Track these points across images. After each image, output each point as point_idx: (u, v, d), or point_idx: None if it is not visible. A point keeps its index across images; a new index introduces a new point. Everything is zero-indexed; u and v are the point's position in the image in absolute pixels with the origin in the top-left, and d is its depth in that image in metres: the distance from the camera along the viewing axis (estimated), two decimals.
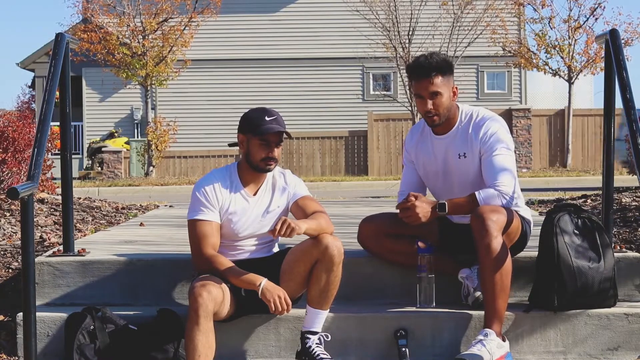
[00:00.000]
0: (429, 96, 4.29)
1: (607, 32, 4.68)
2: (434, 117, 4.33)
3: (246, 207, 4.22)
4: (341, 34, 25.14)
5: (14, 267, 5.13)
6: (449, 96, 4.33)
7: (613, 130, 4.73)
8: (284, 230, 3.90)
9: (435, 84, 4.27)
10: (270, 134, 4.14)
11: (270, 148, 4.15)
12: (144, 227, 6.46)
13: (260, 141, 4.15)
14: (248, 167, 4.24)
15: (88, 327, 4.14)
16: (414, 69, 4.34)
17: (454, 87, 4.36)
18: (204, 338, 3.86)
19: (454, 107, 4.40)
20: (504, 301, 4.13)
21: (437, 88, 4.28)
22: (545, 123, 23.48)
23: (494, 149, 4.29)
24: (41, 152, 4.19)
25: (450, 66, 4.35)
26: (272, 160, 4.18)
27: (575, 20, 21.97)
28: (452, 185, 4.41)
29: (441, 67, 4.29)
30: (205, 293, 3.87)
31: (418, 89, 4.32)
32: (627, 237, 5.41)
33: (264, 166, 4.19)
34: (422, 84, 4.29)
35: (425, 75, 4.28)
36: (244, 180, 4.26)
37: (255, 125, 4.15)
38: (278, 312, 4.00)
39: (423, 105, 4.32)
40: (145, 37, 20.91)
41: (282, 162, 22.76)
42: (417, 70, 4.32)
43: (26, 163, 7.16)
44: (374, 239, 4.47)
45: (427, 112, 4.31)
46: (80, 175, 23.15)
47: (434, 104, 4.29)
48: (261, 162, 4.18)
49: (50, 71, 4.57)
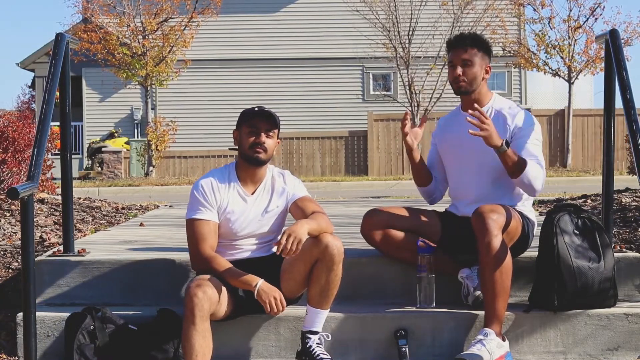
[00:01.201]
0: (461, 63, 4.43)
1: (607, 32, 4.68)
2: (460, 82, 4.45)
3: (244, 207, 4.22)
4: (341, 34, 25.14)
5: (14, 267, 5.13)
6: (480, 70, 4.45)
7: (613, 130, 4.73)
8: (289, 244, 3.86)
9: (468, 53, 4.43)
10: (258, 120, 4.17)
11: (257, 134, 4.16)
12: (144, 227, 6.46)
13: (249, 128, 4.18)
14: (243, 162, 4.24)
15: (88, 327, 4.14)
16: (452, 40, 4.53)
17: (487, 66, 4.49)
18: (201, 338, 3.86)
19: (486, 89, 4.52)
20: (504, 301, 4.13)
21: (469, 57, 4.43)
22: (545, 123, 23.46)
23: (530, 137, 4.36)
24: (41, 152, 4.19)
25: (486, 45, 4.50)
26: (260, 146, 4.17)
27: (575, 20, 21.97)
28: (471, 162, 4.44)
29: (477, 42, 4.47)
30: (200, 293, 3.87)
31: (452, 57, 4.48)
32: (627, 237, 5.41)
33: (252, 154, 4.18)
34: (457, 52, 4.46)
35: (461, 45, 4.45)
36: (241, 178, 4.26)
37: (245, 116, 4.20)
38: (273, 313, 4.01)
39: (454, 71, 4.45)
40: (145, 37, 20.90)
41: (282, 162, 22.77)
42: (455, 40, 4.51)
43: (26, 163, 7.16)
44: (378, 230, 4.47)
45: (456, 77, 4.44)
46: (80, 175, 23.15)
47: (463, 71, 4.43)
48: (249, 150, 4.18)
49: (50, 71, 4.57)
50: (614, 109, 4.75)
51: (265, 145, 4.18)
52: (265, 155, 4.19)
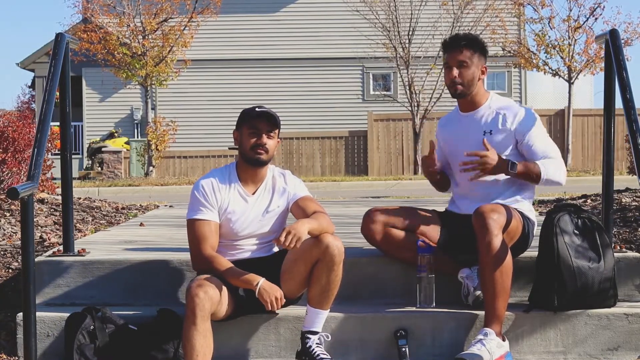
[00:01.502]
0: (456, 64, 4.42)
1: (607, 32, 4.68)
2: (457, 85, 4.43)
3: (245, 207, 4.22)
4: (341, 34, 25.14)
5: (14, 267, 5.13)
6: (476, 71, 4.44)
7: (613, 130, 4.73)
8: (288, 241, 3.89)
9: (463, 54, 4.42)
10: (259, 121, 4.17)
11: (259, 135, 4.17)
12: (144, 227, 6.46)
13: (249, 129, 4.18)
14: (244, 163, 4.25)
15: (88, 327, 4.14)
16: (447, 41, 4.53)
17: (482, 67, 4.47)
18: (202, 338, 3.86)
19: (482, 89, 4.50)
20: (504, 301, 4.13)
21: (464, 58, 4.42)
22: (545, 123, 23.44)
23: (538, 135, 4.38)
24: (41, 152, 4.19)
25: (481, 45, 4.50)
26: (261, 147, 4.17)
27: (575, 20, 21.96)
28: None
29: (472, 43, 4.46)
30: (202, 293, 3.87)
31: (447, 59, 4.47)
32: (627, 237, 5.41)
33: (254, 155, 4.18)
34: (452, 54, 4.45)
35: (456, 46, 4.44)
36: (242, 178, 4.26)
37: (246, 116, 4.20)
38: (273, 310, 4.02)
39: (450, 73, 4.44)
40: (145, 37, 20.90)
41: (282, 162, 22.77)
42: (450, 42, 4.50)
43: (26, 163, 7.16)
44: (379, 230, 4.46)
45: (452, 80, 4.43)
46: (80, 175, 23.14)
47: (459, 73, 4.42)
48: (250, 151, 4.19)
49: (50, 71, 4.57)
50: (614, 109, 4.75)
51: (267, 146, 4.18)
52: (266, 155, 4.20)
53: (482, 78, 4.48)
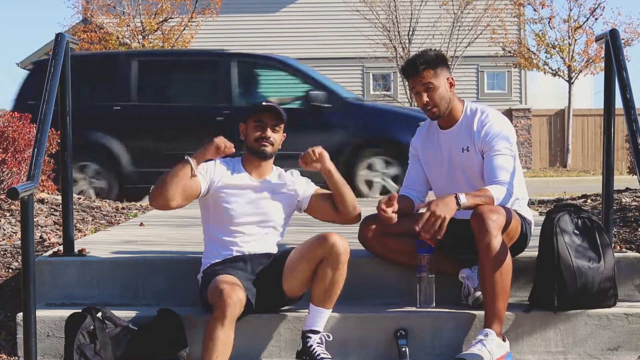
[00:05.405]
0: (423, 89, 4.35)
1: (607, 33, 4.68)
2: (432, 109, 4.37)
3: (247, 184, 4.25)
4: (341, 34, 25.15)
5: (14, 267, 5.13)
6: (445, 88, 4.37)
7: (613, 130, 4.73)
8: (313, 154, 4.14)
9: (426, 77, 4.33)
10: (265, 115, 4.23)
11: (264, 128, 4.23)
12: (144, 227, 6.45)
13: (255, 122, 4.25)
14: (249, 155, 4.30)
15: (88, 327, 4.14)
16: (405, 68, 4.44)
17: (449, 79, 4.39)
18: (226, 338, 3.84)
19: (457, 101, 4.43)
20: (504, 301, 4.13)
21: (428, 80, 4.33)
22: (545, 123, 23.48)
23: (496, 149, 4.30)
24: (41, 152, 4.19)
25: (439, 59, 4.39)
26: (266, 140, 4.23)
27: (575, 20, 22.00)
28: (457, 179, 4.41)
29: (429, 61, 4.35)
30: (235, 295, 3.85)
31: (412, 85, 4.40)
32: (627, 237, 5.41)
33: (258, 147, 4.24)
34: (415, 80, 4.36)
35: (416, 71, 4.35)
36: (247, 170, 4.32)
37: (253, 110, 4.27)
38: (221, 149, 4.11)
39: (420, 99, 4.37)
40: (145, 37, 20.92)
41: None
42: (408, 68, 4.41)
43: (26, 163, 7.16)
44: (376, 238, 4.46)
45: (425, 105, 4.37)
46: None
47: (429, 97, 4.34)
48: (255, 143, 4.24)
49: (50, 71, 4.57)
50: (614, 109, 4.75)
51: (272, 139, 4.24)
52: (271, 148, 4.26)
53: (452, 91, 4.40)
